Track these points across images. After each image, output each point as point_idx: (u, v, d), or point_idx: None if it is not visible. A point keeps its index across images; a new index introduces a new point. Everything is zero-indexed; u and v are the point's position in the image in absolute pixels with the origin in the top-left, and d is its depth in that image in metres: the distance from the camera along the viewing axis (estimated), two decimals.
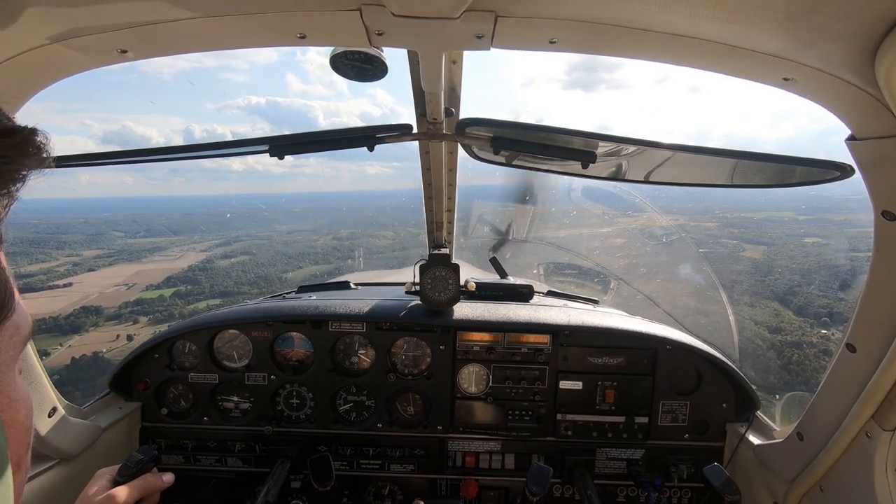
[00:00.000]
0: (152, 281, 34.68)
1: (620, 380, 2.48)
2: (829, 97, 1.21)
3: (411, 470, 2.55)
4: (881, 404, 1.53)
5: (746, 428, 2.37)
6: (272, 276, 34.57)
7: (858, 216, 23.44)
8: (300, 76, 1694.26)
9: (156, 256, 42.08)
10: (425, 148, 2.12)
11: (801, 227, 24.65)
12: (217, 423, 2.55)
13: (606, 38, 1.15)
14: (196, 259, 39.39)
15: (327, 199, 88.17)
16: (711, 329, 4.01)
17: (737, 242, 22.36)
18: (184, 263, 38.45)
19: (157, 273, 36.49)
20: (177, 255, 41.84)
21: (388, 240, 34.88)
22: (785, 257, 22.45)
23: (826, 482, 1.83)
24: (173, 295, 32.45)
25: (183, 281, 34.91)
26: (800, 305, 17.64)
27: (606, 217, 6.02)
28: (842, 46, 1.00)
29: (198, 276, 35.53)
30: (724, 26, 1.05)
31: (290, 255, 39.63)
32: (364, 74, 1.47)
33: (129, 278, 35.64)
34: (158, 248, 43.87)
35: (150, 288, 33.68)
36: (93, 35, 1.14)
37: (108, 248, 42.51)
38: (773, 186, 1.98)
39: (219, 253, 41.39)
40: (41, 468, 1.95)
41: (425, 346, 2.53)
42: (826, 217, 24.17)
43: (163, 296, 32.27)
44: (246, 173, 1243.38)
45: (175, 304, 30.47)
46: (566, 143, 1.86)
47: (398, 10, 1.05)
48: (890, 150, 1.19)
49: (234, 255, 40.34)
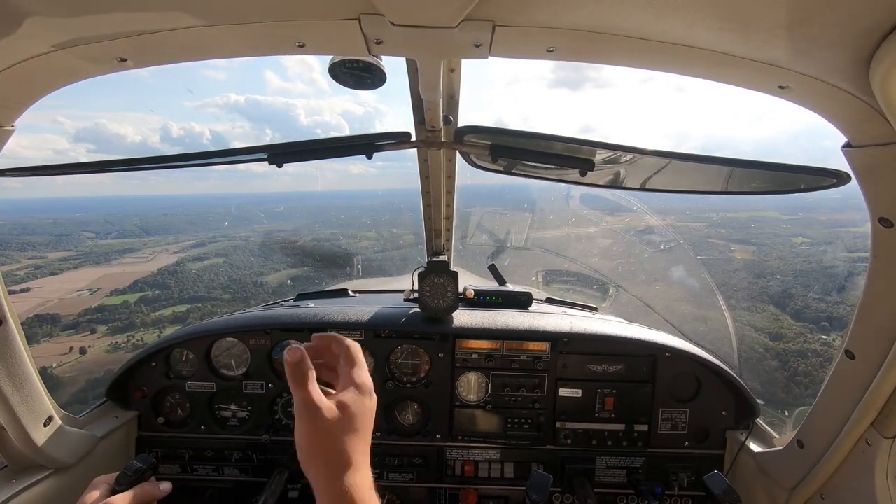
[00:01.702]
0: (119, 285, 31.94)
1: (620, 387, 2.47)
2: (825, 105, 1.22)
3: (410, 479, 2.53)
4: (881, 411, 1.53)
5: (746, 435, 2.36)
6: (246, 279, 33.10)
7: (845, 215, 23.50)
8: (279, 73, 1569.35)
9: (126, 259, 39.03)
10: (424, 155, 2.12)
11: (786, 227, 24.63)
12: (214, 432, 2.53)
13: (604, 46, 1.16)
14: (168, 261, 36.61)
15: (312, 198, 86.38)
16: (710, 336, 4.01)
17: (725, 243, 22.32)
18: (154, 266, 35.67)
19: (125, 277, 33.74)
20: (149, 256, 39.15)
21: (371, 241, 33.75)
22: (775, 258, 22.38)
23: (826, 490, 1.82)
24: (139, 301, 29.93)
25: (151, 285, 32.40)
26: (797, 309, 17.53)
27: (594, 217, 6.04)
28: (837, 55, 1.01)
29: (167, 281, 32.82)
30: (720, 35, 1.06)
31: (267, 256, 37.26)
32: (363, 83, 1.48)
33: (93, 282, 32.70)
34: (130, 249, 40.61)
35: (115, 293, 30.88)
36: (92, 44, 1.15)
37: (76, 250, 39.40)
38: (770, 193, 1.99)
39: (192, 255, 38.41)
40: (37, 478, 1.93)
41: (424, 354, 2.53)
42: (811, 216, 24.19)
43: (127, 302, 29.62)
44: (227, 172, 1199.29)
45: (139, 311, 28.24)
46: (564, 150, 1.87)
47: (397, 19, 1.06)
48: (886, 157, 1.20)
49: (208, 258, 37.29)
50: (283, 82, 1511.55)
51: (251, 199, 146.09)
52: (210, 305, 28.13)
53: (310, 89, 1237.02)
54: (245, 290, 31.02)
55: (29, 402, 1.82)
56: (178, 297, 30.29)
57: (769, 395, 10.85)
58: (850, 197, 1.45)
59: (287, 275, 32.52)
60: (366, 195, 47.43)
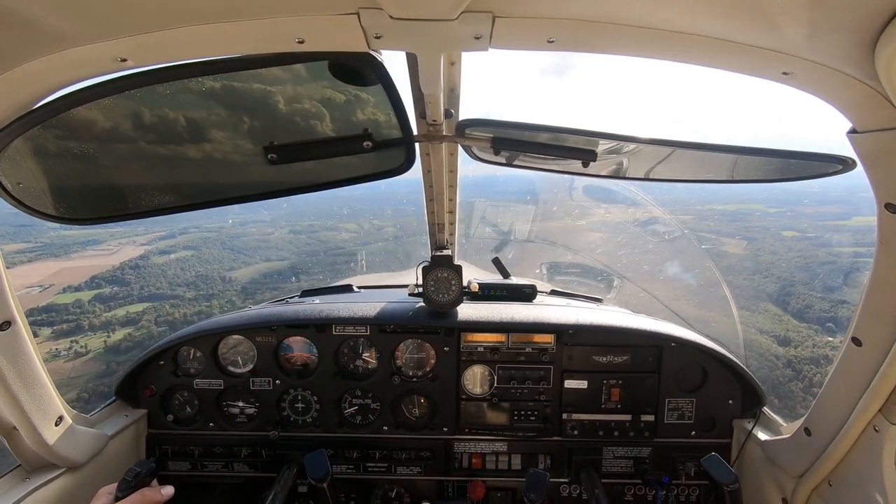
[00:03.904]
0: (74, 281, 29.18)
1: (625, 378, 2.47)
2: (829, 91, 1.21)
3: (418, 472, 2.55)
4: (888, 398, 1.52)
5: (753, 424, 2.36)
6: (214, 275, 31.13)
7: (830, 208, 23.02)
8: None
9: (89, 251, 35.06)
10: (426, 150, 2.12)
11: (774, 220, 24.22)
12: (223, 428, 2.55)
13: (604, 36, 1.16)
14: (133, 254, 33.34)
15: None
16: (715, 325, 4.01)
17: (715, 236, 22.00)
18: (117, 259, 32.36)
19: (83, 271, 30.68)
20: (113, 248, 35.15)
21: (351, 233, 32.59)
22: (768, 252, 22.04)
23: (834, 477, 1.82)
24: (93, 299, 27.39)
25: (109, 281, 29.59)
26: (799, 308, 17.23)
27: (597, 208, 6.00)
28: (841, 40, 1.00)
29: (127, 276, 30.09)
30: (722, 22, 1.05)
31: (239, 249, 34.87)
32: (364, 79, 1.48)
33: (48, 278, 29.49)
34: (95, 240, 35.98)
35: (69, 290, 28.25)
36: (93, 44, 1.15)
37: (35, 242, 34.61)
38: (775, 181, 1.98)
39: (160, 247, 35.30)
40: (49, 477, 1.95)
41: (429, 348, 2.53)
42: (797, 210, 23.76)
43: (80, 300, 26.89)
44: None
45: (91, 310, 25.99)
46: (567, 141, 1.86)
47: (396, 12, 1.05)
48: (892, 142, 1.19)
49: (175, 251, 34.34)
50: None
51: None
52: (169, 305, 26.72)
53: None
54: (211, 287, 29.41)
55: (39, 402, 1.84)
56: (137, 294, 28.59)
57: (790, 412, 10.70)
58: (829, 190, 1.44)
59: (257, 269, 31.35)
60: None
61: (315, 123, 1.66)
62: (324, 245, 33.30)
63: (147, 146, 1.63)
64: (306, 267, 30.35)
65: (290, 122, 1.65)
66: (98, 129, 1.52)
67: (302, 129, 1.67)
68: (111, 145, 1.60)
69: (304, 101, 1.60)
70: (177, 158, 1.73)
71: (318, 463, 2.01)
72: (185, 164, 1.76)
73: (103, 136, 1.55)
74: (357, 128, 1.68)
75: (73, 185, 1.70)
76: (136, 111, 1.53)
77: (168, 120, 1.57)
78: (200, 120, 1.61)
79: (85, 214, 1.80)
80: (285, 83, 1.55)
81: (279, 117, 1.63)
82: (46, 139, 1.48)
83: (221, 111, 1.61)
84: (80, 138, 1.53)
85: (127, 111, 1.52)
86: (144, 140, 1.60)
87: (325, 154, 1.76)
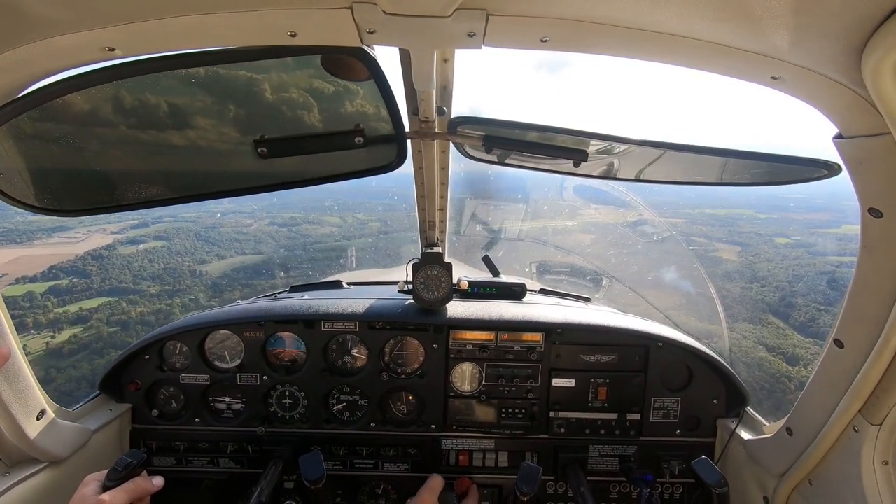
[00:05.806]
0: (31, 271, 27.01)
1: (612, 377, 2.50)
2: (817, 96, 1.23)
3: (405, 469, 2.55)
4: (868, 399, 1.55)
5: (737, 423, 2.40)
6: (183, 268, 28.88)
7: (820, 216, 23.05)
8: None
9: (55, 238, 32.08)
10: (417, 147, 2.11)
11: (765, 225, 24.16)
12: (209, 424, 2.53)
13: (597, 37, 1.16)
14: (100, 243, 30.47)
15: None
16: (701, 326, 4.05)
17: (708, 241, 21.81)
18: (81, 249, 29.72)
19: (42, 260, 28.20)
20: (81, 236, 32.13)
21: (334, 227, 31.31)
22: (763, 259, 21.86)
23: (815, 476, 1.85)
24: (48, 291, 25.26)
25: (69, 272, 27.19)
26: (802, 322, 16.75)
27: (588, 207, 6.01)
28: (829, 46, 1.02)
29: (89, 267, 27.59)
30: (714, 26, 1.06)
31: (214, 241, 32.18)
32: (357, 74, 1.47)
33: (1, 266, 27.49)
34: (63, 227, 32.62)
35: (22, 281, 25.99)
36: (80, 32, 1.13)
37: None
38: (762, 185, 2.00)
39: (130, 236, 32.54)
40: (30, 471, 1.92)
41: (418, 345, 2.53)
42: (786, 216, 23.77)
43: (32, 292, 24.70)
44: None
45: (43, 304, 24.08)
46: (558, 141, 1.87)
47: (390, 8, 1.05)
48: (876, 148, 1.21)
49: (145, 241, 31.66)
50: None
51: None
52: (126, 303, 24.77)
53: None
54: (179, 281, 27.51)
55: (21, 395, 1.81)
56: (96, 287, 26.35)
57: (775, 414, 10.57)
58: (815, 196, 1.46)
59: (230, 263, 29.23)
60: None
61: (306, 118, 1.65)
62: (304, 239, 31.57)
63: (135, 137, 1.60)
64: (284, 261, 28.94)
65: (281, 116, 1.64)
66: (85, 119, 1.50)
67: (292, 124, 1.66)
68: (98, 136, 1.58)
69: (294, 95, 1.59)
70: (165, 151, 1.71)
71: (313, 464, 2.00)
72: (175, 157, 1.74)
73: (90, 127, 1.53)
74: (349, 123, 1.68)
75: (58, 176, 1.67)
76: (124, 101, 1.50)
77: (157, 111, 1.55)
78: (189, 113, 1.59)
79: (70, 206, 1.76)
80: (277, 76, 1.54)
81: (270, 111, 1.62)
82: (32, 128, 1.46)
83: (211, 104, 1.59)
84: (66, 128, 1.51)
85: (115, 101, 1.49)
86: (132, 131, 1.58)
87: (315, 149, 1.75)
